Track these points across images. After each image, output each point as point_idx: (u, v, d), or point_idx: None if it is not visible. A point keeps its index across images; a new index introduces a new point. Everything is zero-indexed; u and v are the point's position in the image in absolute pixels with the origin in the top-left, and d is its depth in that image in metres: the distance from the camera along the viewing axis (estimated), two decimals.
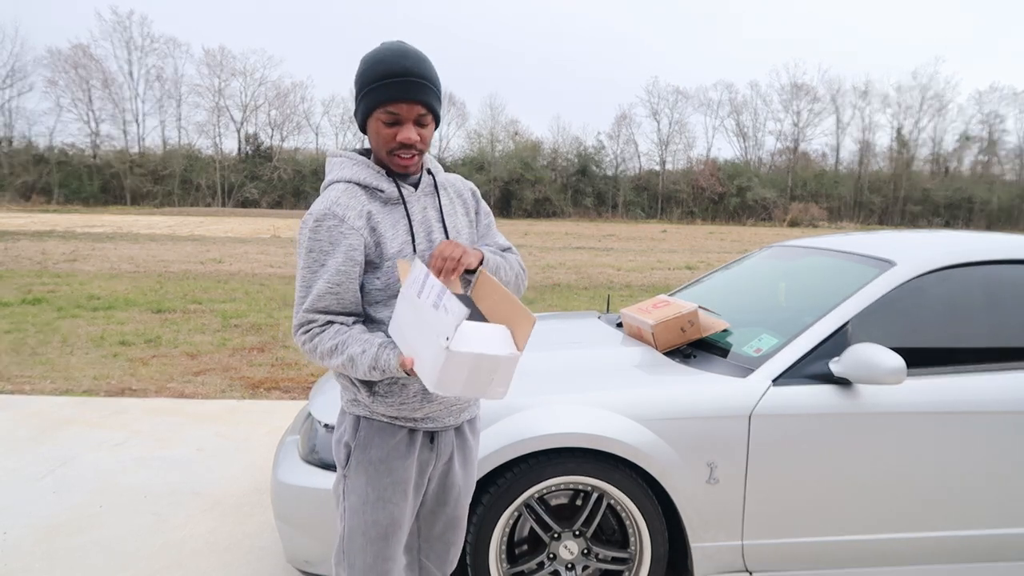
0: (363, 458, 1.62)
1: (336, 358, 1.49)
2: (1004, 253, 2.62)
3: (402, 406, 1.59)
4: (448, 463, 1.73)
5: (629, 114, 63.58)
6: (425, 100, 1.53)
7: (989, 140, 56.89)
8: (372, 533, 1.62)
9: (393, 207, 1.60)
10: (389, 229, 1.57)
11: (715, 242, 26.17)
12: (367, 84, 1.53)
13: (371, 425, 1.62)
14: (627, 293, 11.11)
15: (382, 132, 1.55)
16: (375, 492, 1.61)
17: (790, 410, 2.28)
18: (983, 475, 2.36)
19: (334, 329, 1.51)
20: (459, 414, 1.70)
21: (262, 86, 55.43)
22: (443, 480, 1.74)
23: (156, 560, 2.77)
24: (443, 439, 1.70)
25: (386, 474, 1.61)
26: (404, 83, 1.50)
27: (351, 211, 1.53)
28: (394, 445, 1.62)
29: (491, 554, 2.27)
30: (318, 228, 1.51)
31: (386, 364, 1.44)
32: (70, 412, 4.49)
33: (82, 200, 45.80)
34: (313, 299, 1.51)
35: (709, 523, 2.29)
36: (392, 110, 1.52)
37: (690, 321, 2.70)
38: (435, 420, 1.65)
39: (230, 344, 6.71)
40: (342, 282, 1.51)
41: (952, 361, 2.45)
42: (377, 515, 1.62)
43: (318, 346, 1.51)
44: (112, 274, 11.75)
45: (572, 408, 2.27)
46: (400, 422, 1.62)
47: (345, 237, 1.51)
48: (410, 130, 1.54)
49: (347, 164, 1.62)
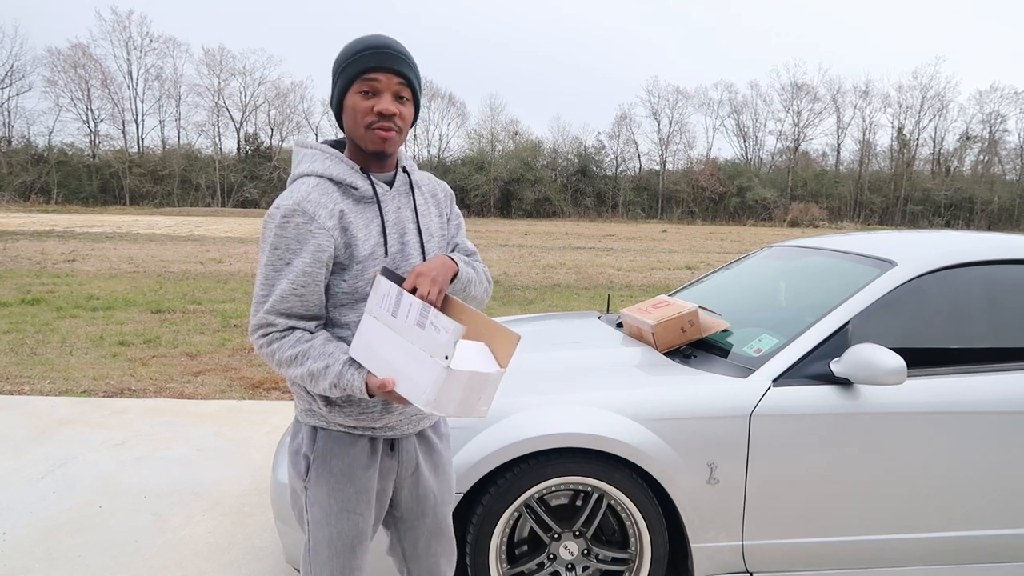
0: (324, 470, 1.55)
1: (295, 368, 1.43)
2: (1004, 253, 2.61)
3: (361, 416, 1.53)
4: (416, 472, 1.67)
5: (629, 114, 63.69)
6: (403, 71, 1.49)
7: (990, 140, 56.94)
8: (338, 545, 1.57)
9: (366, 206, 1.53)
10: (362, 229, 1.51)
11: (715, 242, 26.17)
12: (345, 60, 1.50)
13: (329, 436, 1.56)
14: (627, 293, 11.11)
15: (359, 106, 1.49)
16: (339, 504, 1.55)
17: (790, 410, 2.28)
18: (983, 476, 2.36)
19: (295, 336, 1.44)
20: (418, 422, 1.64)
21: (262, 86, 55.43)
22: (415, 490, 1.68)
23: (156, 560, 2.76)
24: (405, 446, 1.64)
25: (348, 484, 1.56)
26: (382, 53, 1.48)
27: (322, 209, 1.46)
28: (355, 455, 1.56)
29: (491, 554, 2.27)
30: (286, 224, 1.43)
31: (349, 384, 1.39)
32: (70, 412, 4.49)
33: (81, 200, 45.78)
34: (275, 300, 1.43)
35: (709, 523, 2.29)
36: (370, 77, 1.47)
37: (690, 321, 2.70)
38: (395, 428, 1.59)
39: (230, 344, 6.71)
40: (307, 283, 1.44)
41: (953, 361, 2.45)
42: (342, 526, 1.56)
43: (276, 352, 1.44)
44: (111, 274, 11.75)
45: (572, 408, 2.27)
46: (359, 431, 1.56)
47: (314, 236, 1.44)
48: (388, 101, 1.48)
49: (319, 157, 1.54)
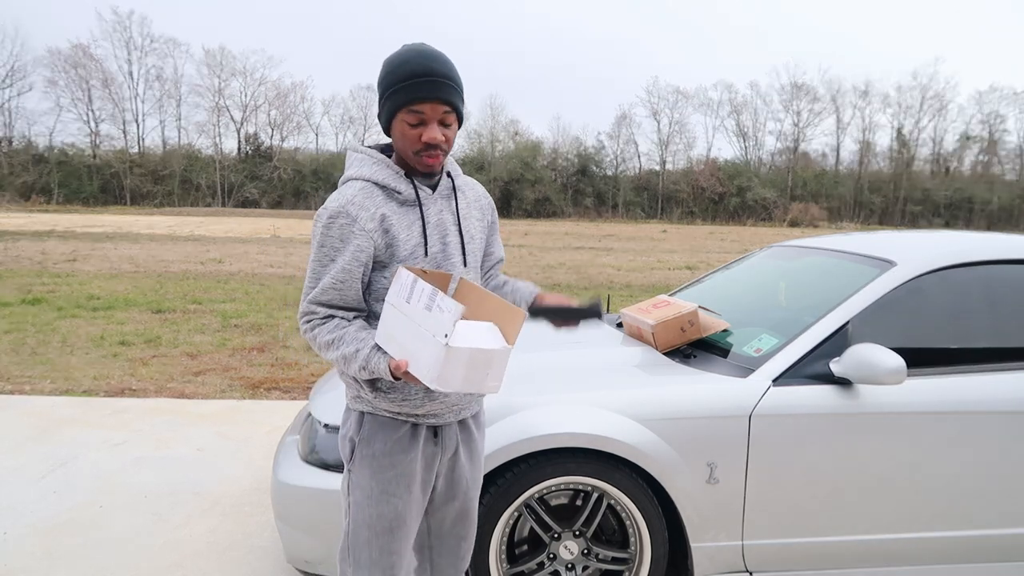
0: (366, 452, 1.64)
1: (332, 352, 1.55)
2: (1004, 253, 2.62)
3: (404, 402, 1.61)
4: (454, 456, 1.75)
5: (629, 114, 63.46)
6: (449, 99, 1.55)
7: (989, 140, 56.94)
8: (377, 527, 1.64)
9: (409, 208, 1.62)
10: (403, 231, 1.60)
11: (715, 242, 26.17)
12: (392, 86, 1.56)
13: (374, 420, 1.65)
14: (627, 293, 11.11)
15: (408, 133, 1.57)
16: (379, 486, 1.63)
17: (790, 410, 2.28)
18: (983, 475, 2.36)
19: (333, 323, 1.57)
20: (460, 412, 1.72)
21: (262, 86, 55.50)
22: (450, 474, 1.75)
23: (156, 560, 2.77)
24: (447, 433, 1.72)
25: (389, 467, 1.63)
26: (428, 83, 1.53)
27: (364, 212, 1.56)
28: (397, 439, 1.64)
29: (491, 554, 2.27)
30: (331, 225, 1.55)
31: (375, 367, 1.48)
32: (70, 412, 4.49)
33: (82, 200, 45.77)
34: (318, 292, 1.57)
35: (709, 523, 2.29)
36: (416, 109, 1.54)
37: (690, 321, 2.70)
38: (437, 416, 1.67)
39: (230, 344, 6.71)
40: (346, 279, 1.56)
41: (952, 361, 2.45)
42: (381, 508, 1.63)
43: (317, 336, 1.57)
44: (112, 274, 11.75)
45: (572, 408, 2.27)
46: (403, 417, 1.64)
47: (355, 237, 1.55)
48: (435, 130, 1.56)
49: (367, 162, 1.64)
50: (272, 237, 22.22)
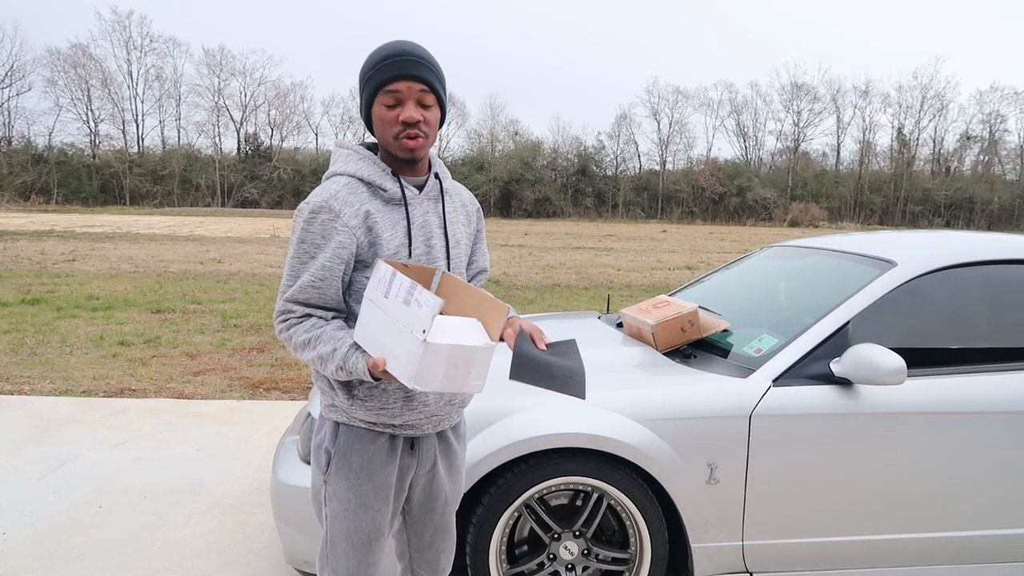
0: (344, 464, 1.59)
1: (307, 352, 1.50)
2: (1004, 253, 2.61)
3: (381, 411, 1.56)
4: (432, 470, 1.70)
5: (629, 114, 63.62)
6: (424, 77, 1.52)
7: (990, 140, 56.95)
8: (355, 539, 1.60)
9: (395, 207, 1.57)
10: (387, 230, 1.55)
11: (715, 242, 26.17)
12: (367, 72, 1.54)
13: (350, 431, 1.59)
14: (627, 293, 11.11)
15: (385, 116, 1.53)
16: (357, 498, 1.59)
17: (790, 410, 2.28)
18: (984, 475, 2.36)
19: (310, 323, 1.51)
20: (439, 423, 1.66)
21: (262, 86, 55.44)
22: (428, 487, 1.71)
23: (156, 560, 2.76)
24: (424, 445, 1.67)
25: (367, 480, 1.59)
26: (401, 61, 1.50)
27: (348, 208, 1.51)
28: (375, 451, 1.59)
29: (491, 554, 2.27)
30: (312, 220, 1.50)
31: (353, 367, 1.43)
32: (70, 412, 4.49)
33: (81, 200, 45.78)
34: (296, 290, 1.51)
35: (709, 523, 2.29)
36: (392, 88, 1.51)
37: (690, 321, 2.70)
38: (415, 427, 1.62)
39: (230, 344, 6.71)
40: (326, 277, 1.50)
41: (953, 361, 2.45)
42: (359, 521, 1.59)
43: (293, 336, 1.52)
44: (111, 274, 11.75)
45: (572, 408, 2.26)
46: (379, 428, 1.59)
47: (337, 233, 1.50)
48: (412, 108, 1.51)
49: (352, 158, 1.59)
50: (272, 237, 22.22)
